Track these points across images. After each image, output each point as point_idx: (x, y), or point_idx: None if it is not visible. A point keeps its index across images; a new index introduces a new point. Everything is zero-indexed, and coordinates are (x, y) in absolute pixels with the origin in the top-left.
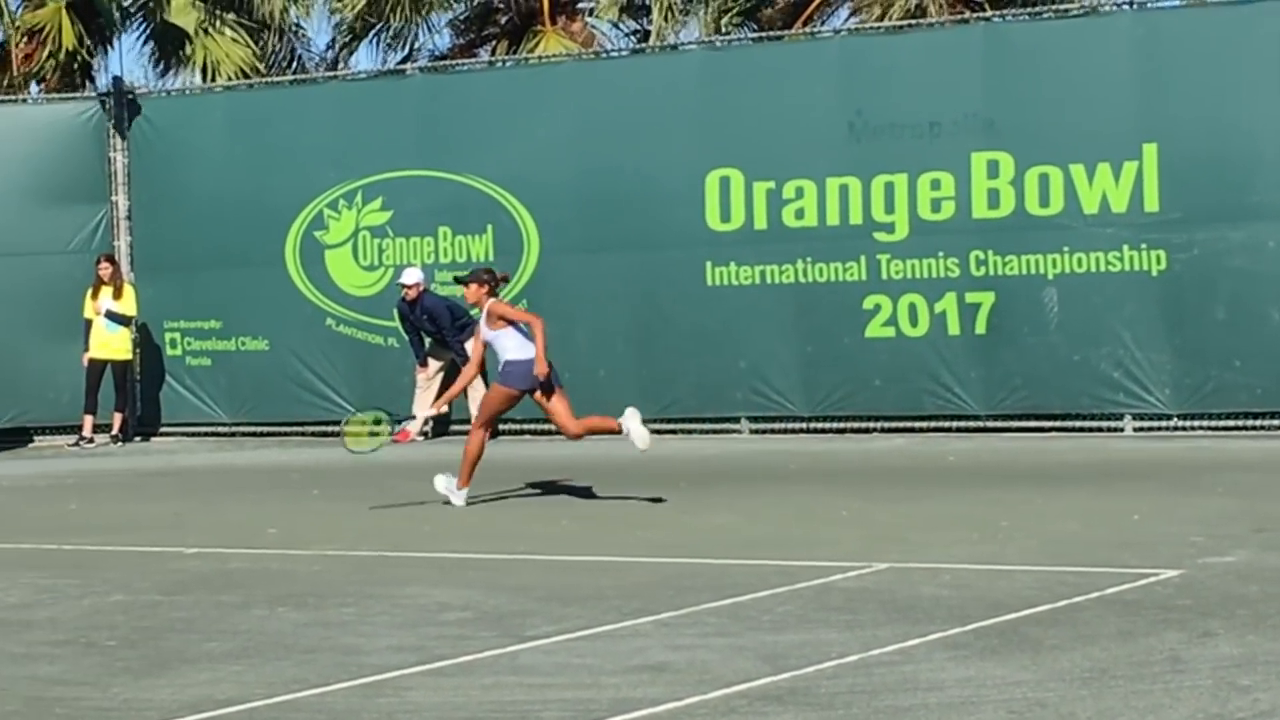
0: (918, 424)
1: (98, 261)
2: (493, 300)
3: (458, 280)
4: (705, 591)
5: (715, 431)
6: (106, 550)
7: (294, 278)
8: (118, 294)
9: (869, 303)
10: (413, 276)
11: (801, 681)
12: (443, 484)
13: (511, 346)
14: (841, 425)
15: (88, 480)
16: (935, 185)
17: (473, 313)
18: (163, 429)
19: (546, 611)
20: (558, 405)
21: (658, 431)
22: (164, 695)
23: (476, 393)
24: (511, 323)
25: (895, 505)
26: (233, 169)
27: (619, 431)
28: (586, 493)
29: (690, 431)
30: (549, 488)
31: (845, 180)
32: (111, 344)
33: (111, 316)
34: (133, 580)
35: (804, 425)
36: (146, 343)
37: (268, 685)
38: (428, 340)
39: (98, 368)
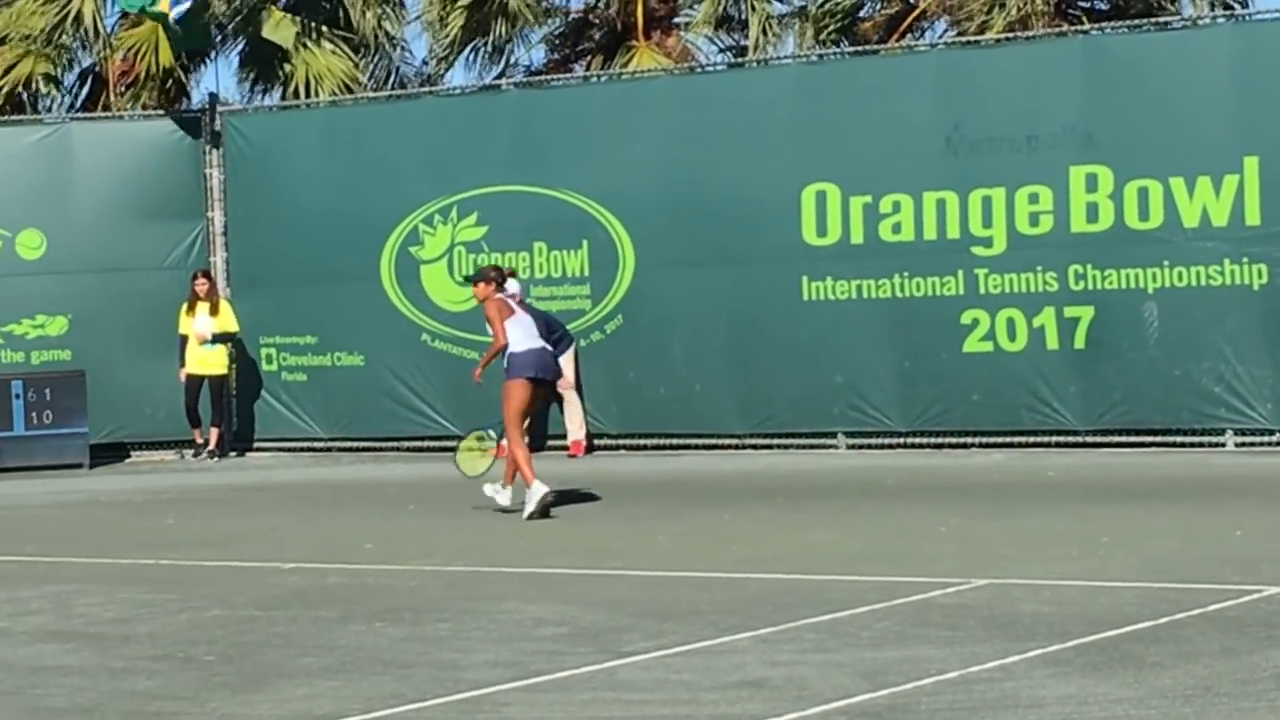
0: (1016, 439)
1: (194, 277)
2: (492, 299)
3: (466, 279)
4: (803, 607)
5: (812, 447)
6: (204, 565)
7: (389, 293)
8: (214, 310)
9: (967, 317)
10: (511, 287)
11: (901, 698)
12: (490, 490)
13: (514, 339)
14: (939, 440)
15: (184, 495)
16: (1033, 199)
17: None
18: (258, 444)
19: (643, 627)
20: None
21: (753, 446)
22: (261, 710)
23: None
24: (511, 314)
25: (994, 521)
26: (328, 185)
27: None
28: (682, 508)
29: (786, 447)
30: (644, 503)
31: (942, 194)
32: (209, 360)
33: (218, 339)
34: (230, 595)
35: (901, 440)
36: (242, 358)
37: (365, 700)
38: None
39: (195, 383)
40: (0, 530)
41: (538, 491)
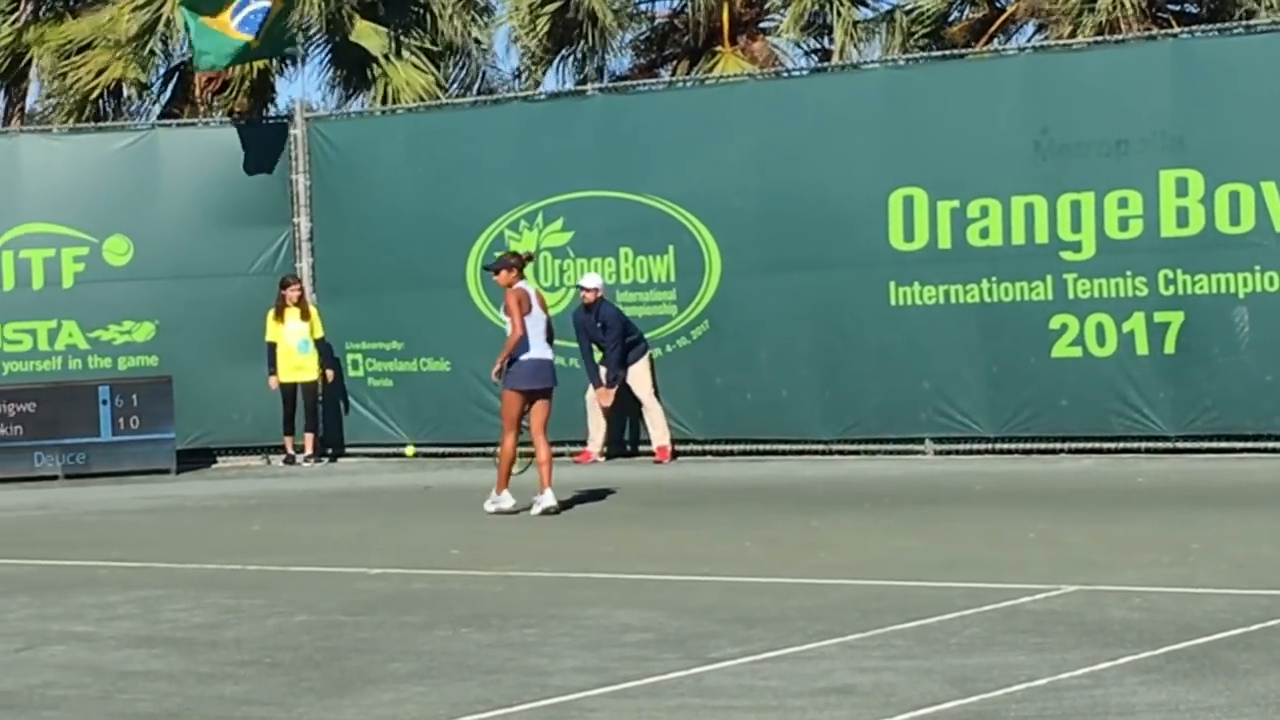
0: (1106, 445)
1: (283, 284)
2: (514, 287)
3: (486, 269)
4: (891, 614)
5: (899, 452)
6: (290, 571)
7: (475, 299)
8: (305, 316)
9: (1055, 322)
10: (593, 280)
11: (990, 705)
12: (490, 505)
13: (528, 342)
14: (1028, 446)
15: (270, 501)
16: (1123, 204)
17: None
18: (345, 450)
19: (730, 633)
20: (538, 414)
21: (840, 452)
22: (348, 715)
23: (641, 386)
24: (529, 311)
25: (1084, 527)
26: (414, 190)
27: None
28: (769, 514)
29: (873, 452)
30: (731, 509)
31: (1031, 199)
32: (304, 366)
33: (318, 345)
34: (317, 601)
35: (989, 446)
36: (329, 364)
37: (451, 706)
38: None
39: (290, 390)
40: (88, 535)
41: (506, 501)
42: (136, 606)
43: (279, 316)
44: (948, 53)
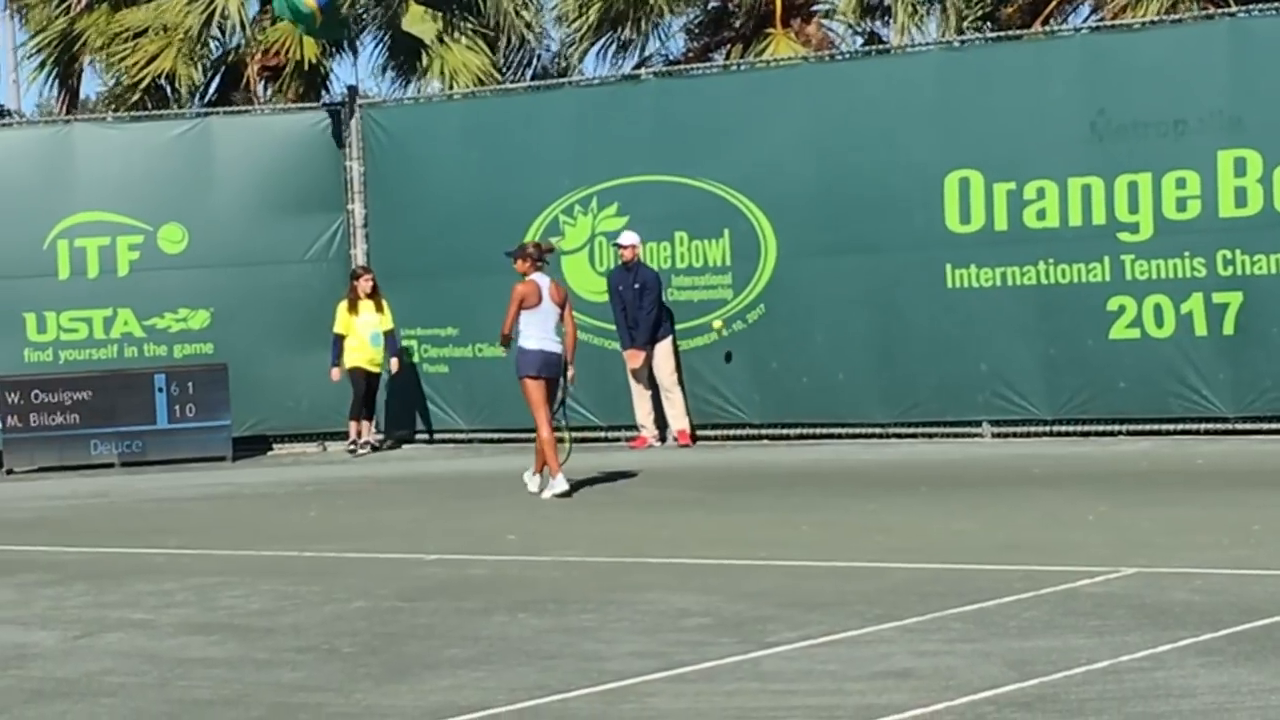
0: (1164, 426)
1: (355, 275)
2: (525, 279)
3: (507, 254)
4: (949, 597)
5: (956, 435)
6: (347, 557)
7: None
8: (379, 307)
9: (1113, 304)
10: (631, 238)
11: (1050, 688)
12: (535, 483)
13: (526, 334)
14: (1086, 428)
15: (327, 488)
16: (1180, 184)
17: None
18: (400, 436)
19: (788, 617)
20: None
21: (897, 435)
22: (406, 701)
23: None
24: (537, 304)
25: (1143, 509)
26: (468, 176)
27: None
28: (825, 498)
29: (931, 435)
30: (787, 493)
31: (1088, 180)
32: (376, 356)
33: (387, 337)
34: (374, 587)
35: (1047, 429)
36: (394, 352)
37: (509, 691)
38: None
39: (361, 376)
40: (144, 523)
41: (560, 485)
42: (193, 594)
43: (352, 308)
44: (1003, 34)
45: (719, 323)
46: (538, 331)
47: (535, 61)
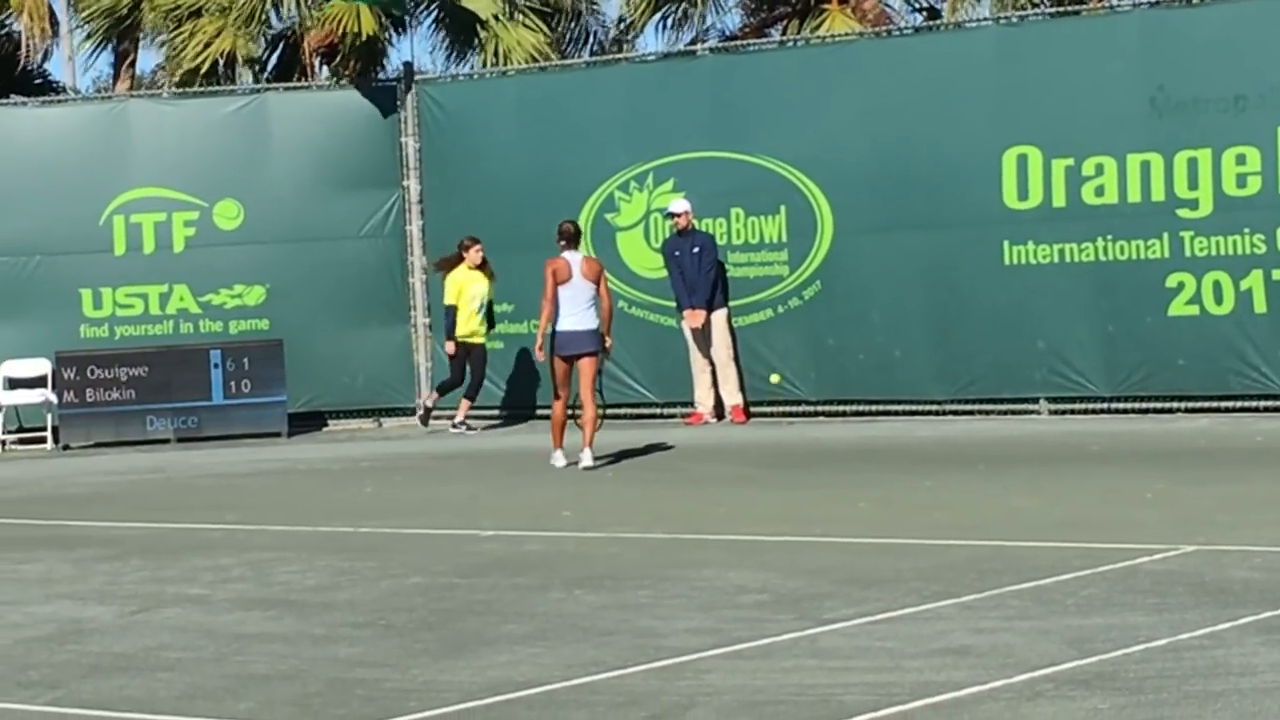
0: (1223, 404)
1: (463, 246)
2: (555, 259)
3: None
4: (1007, 574)
5: (1013, 412)
6: (403, 533)
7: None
8: (489, 275)
9: (1172, 281)
10: (681, 205)
11: (1109, 666)
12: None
13: (560, 312)
14: (1143, 405)
15: (382, 464)
16: (1240, 160)
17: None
18: (453, 413)
19: (845, 594)
20: (583, 375)
21: (953, 412)
22: (463, 677)
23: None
24: (568, 279)
25: (1202, 486)
26: (524, 152)
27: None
28: (882, 474)
29: (988, 412)
30: (844, 469)
31: (1147, 156)
32: (478, 328)
33: (490, 310)
34: (430, 563)
35: (1105, 406)
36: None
37: (566, 667)
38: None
39: (463, 351)
40: (200, 498)
41: (557, 458)
42: (250, 569)
43: (462, 278)
44: (1062, 9)
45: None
46: (569, 308)
47: (590, 39)
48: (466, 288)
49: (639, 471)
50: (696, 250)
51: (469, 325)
